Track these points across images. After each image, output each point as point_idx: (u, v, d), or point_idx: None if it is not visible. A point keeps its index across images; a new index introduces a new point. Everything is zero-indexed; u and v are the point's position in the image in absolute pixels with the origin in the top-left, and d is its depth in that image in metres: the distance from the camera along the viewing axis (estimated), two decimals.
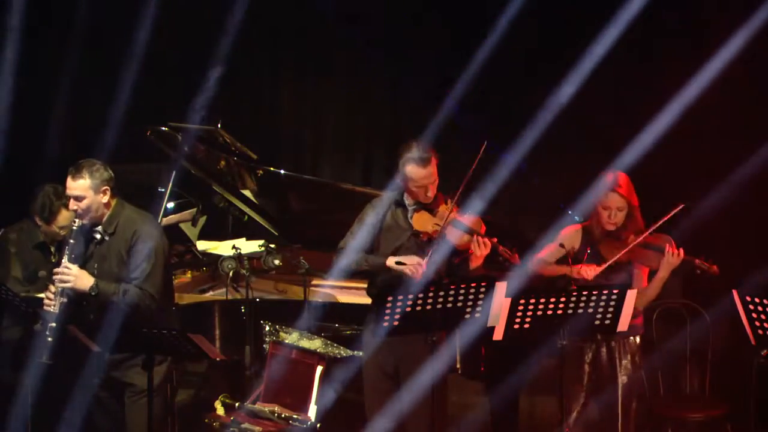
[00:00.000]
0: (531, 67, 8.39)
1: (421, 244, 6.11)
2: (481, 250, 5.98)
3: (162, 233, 6.22)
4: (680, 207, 6.13)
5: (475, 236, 5.99)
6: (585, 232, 6.37)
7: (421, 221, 6.12)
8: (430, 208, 6.13)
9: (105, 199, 6.07)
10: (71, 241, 6.03)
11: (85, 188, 6.02)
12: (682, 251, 6.15)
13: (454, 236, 6.04)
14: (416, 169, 6.04)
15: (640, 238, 6.21)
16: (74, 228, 6.04)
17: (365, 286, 6.46)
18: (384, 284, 6.14)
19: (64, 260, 6.00)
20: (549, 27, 8.33)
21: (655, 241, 6.23)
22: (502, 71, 8.14)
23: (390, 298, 5.60)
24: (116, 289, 5.98)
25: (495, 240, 6.00)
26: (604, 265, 6.21)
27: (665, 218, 6.14)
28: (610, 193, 6.24)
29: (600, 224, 6.31)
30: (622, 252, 6.21)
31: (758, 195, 7.52)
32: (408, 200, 6.18)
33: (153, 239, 6.07)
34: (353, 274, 6.38)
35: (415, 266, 5.99)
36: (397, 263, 6.05)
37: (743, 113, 7.73)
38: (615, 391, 6.30)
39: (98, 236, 6.10)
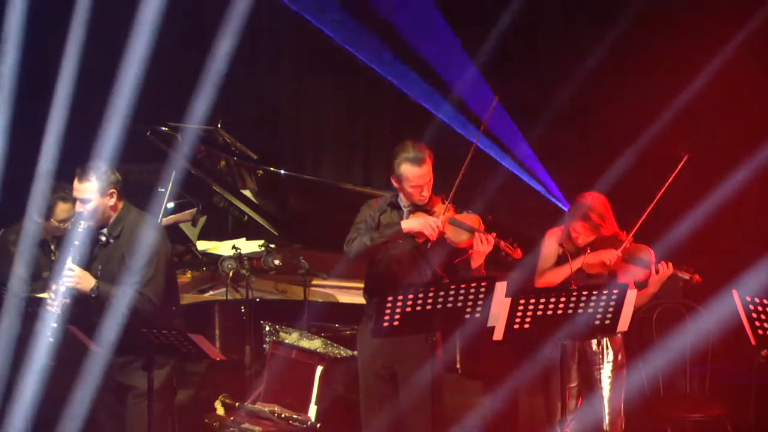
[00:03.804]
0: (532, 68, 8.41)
1: (417, 245, 6.08)
2: (483, 246, 5.93)
3: (165, 238, 6.20)
4: (685, 158, 6.15)
5: (476, 234, 5.97)
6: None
7: None
8: (426, 209, 6.08)
9: (111, 202, 6.06)
10: (75, 242, 6.01)
11: (91, 191, 6.00)
12: (670, 264, 6.17)
13: (453, 235, 6.01)
14: (412, 168, 6.00)
15: (624, 244, 6.24)
16: (79, 230, 6.03)
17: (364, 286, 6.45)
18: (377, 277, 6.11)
19: (68, 261, 5.99)
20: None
21: (637, 253, 6.23)
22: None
23: (390, 298, 5.58)
24: (116, 291, 5.97)
25: (494, 235, 5.98)
26: (621, 248, 6.21)
27: (674, 174, 6.14)
28: (579, 221, 6.27)
29: (570, 240, 6.35)
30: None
31: (758, 193, 7.53)
32: (403, 202, 6.14)
33: (155, 243, 6.04)
34: (351, 274, 6.34)
35: (430, 227, 5.93)
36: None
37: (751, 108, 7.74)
38: (601, 389, 6.33)
39: (103, 239, 6.09)
